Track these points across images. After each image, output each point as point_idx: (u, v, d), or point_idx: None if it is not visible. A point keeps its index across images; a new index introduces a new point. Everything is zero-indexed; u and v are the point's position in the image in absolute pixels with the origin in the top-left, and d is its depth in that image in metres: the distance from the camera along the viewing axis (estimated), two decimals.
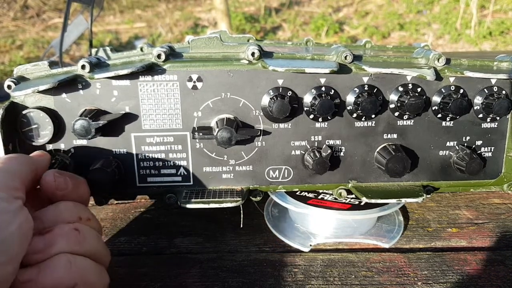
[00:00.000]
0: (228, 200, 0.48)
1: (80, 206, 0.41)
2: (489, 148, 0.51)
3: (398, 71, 0.46)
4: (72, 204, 0.40)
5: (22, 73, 0.47)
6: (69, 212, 0.39)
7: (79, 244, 0.37)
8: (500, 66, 0.50)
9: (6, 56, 4.71)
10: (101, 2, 0.96)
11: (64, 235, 0.36)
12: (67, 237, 0.36)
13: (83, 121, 0.43)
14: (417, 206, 0.59)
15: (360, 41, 0.67)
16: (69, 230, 0.37)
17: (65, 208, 0.39)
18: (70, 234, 0.37)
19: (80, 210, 0.40)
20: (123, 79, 0.46)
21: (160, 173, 0.49)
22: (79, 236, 0.37)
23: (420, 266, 0.46)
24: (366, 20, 5.16)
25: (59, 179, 0.40)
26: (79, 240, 0.37)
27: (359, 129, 0.49)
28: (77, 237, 0.37)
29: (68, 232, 0.37)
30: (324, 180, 0.50)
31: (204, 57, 0.48)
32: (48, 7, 5.69)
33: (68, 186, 0.41)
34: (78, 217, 0.40)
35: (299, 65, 0.45)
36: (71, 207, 0.40)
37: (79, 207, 0.41)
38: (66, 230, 0.37)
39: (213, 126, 0.47)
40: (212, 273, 0.45)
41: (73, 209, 0.40)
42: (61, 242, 0.36)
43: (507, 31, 4.27)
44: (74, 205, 0.40)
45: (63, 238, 0.36)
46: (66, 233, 0.36)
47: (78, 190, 0.42)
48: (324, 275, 0.45)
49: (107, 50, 0.80)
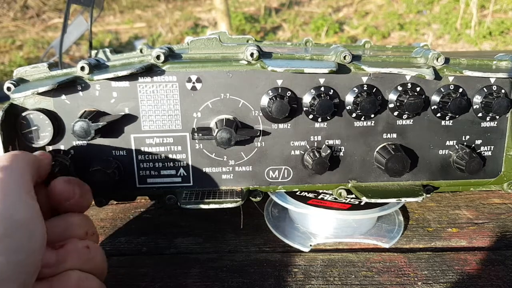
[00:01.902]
0: (228, 200, 0.48)
1: (88, 220, 0.42)
2: (489, 147, 0.51)
3: (397, 71, 0.46)
4: (82, 217, 0.41)
5: (22, 75, 0.47)
6: (78, 226, 0.40)
7: (89, 262, 0.37)
8: (499, 65, 0.50)
9: (6, 56, 4.72)
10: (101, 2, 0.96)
11: (76, 252, 0.37)
12: (78, 254, 0.37)
13: (82, 122, 0.43)
14: (417, 206, 0.59)
15: (359, 41, 0.67)
16: (81, 248, 0.37)
17: (75, 222, 0.40)
18: (82, 251, 0.37)
19: (88, 225, 0.41)
20: (122, 80, 0.46)
21: (160, 174, 0.49)
22: (90, 254, 0.38)
23: (420, 266, 0.46)
24: (366, 20, 5.16)
25: (69, 187, 0.41)
26: (89, 258, 0.38)
27: (358, 129, 0.49)
28: (88, 255, 0.38)
29: (80, 250, 0.37)
30: (324, 180, 0.51)
31: (203, 58, 0.48)
32: (48, 7, 5.70)
33: (76, 195, 0.41)
34: (86, 232, 0.40)
35: (298, 65, 0.45)
36: (81, 222, 0.40)
37: (87, 221, 0.41)
38: (79, 247, 0.37)
39: (213, 127, 0.47)
40: (212, 273, 0.46)
41: (82, 224, 0.40)
42: (73, 258, 0.36)
43: (507, 31, 4.26)
44: (83, 219, 0.41)
45: (75, 255, 0.37)
46: (78, 251, 0.37)
47: (83, 198, 0.42)
48: (324, 275, 0.45)
49: (107, 52, 0.80)
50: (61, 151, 0.47)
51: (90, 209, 0.60)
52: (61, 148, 0.47)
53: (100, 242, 0.52)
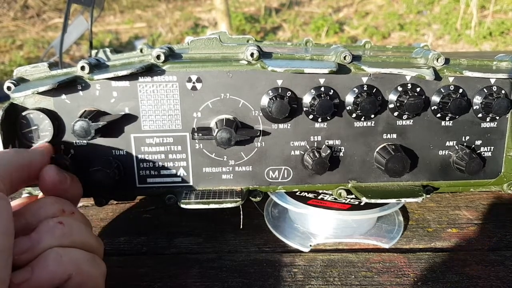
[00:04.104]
0: (228, 200, 0.48)
1: (63, 200, 0.41)
2: (489, 147, 0.51)
3: (397, 71, 0.46)
4: (54, 198, 0.40)
5: (22, 74, 0.47)
6: (51, 206, 0.39)
7: (66, 236, 0.36)
8: (499, 66, 0.50)
9: (6, 56, 4.71)
10: (102, 2, 0.96)
11: (49, 230, 0.36)
12: (52, 231, 0.36)
13: (82, 122, 0.43)
14: (417, 206, 0.59)
15: (359, 41, 0.67)
16: (54, 224, 0.36)
17: (47, 202, 0.39)
18: (55, 228, 0.36)
19: (63, 204, 0.40)
20: (122, 80, 0.46)
21: (159, 173, 0.49)
22: (65, 229, 0.37)
23: (420, 266, 0.46)
24: (366, 20, 5.16)
25: (61, 174, 0.41)
26: (65, 232, 0.37)
27: (358, 129, 0.49)
28: (63, 229, 0.37)
29: (53, 227, 0.36)
30: (324, 180, 0.51)
31: (203, 58, 0.48)
32: (48, 7, 5.70)
33: (68, 181, 0.41)
34: (61, 210, 0.39)
35: (298, 66, 0.45)
36: (53, 201, 0.39)
37: (62, 201, 0.40)
38: (51, 225, 0.36)
39: (213, 127, 0.47)
40: (212, 273, 0.46)
41: (55, 203, 0.39)
42: (47, 237, 0.35)
43: (507, 32, 4.26)
44: (56, 199, 0.40)
45: (48, 233, 0.36)
46: (51, 228, 0.36)
47: (74, 186, 0.42)
48: (324, 275, 0.45)
49: (107, 52, 0.80)
50: (61, 150, 0.47)
51: (90, 209, 0.60)
52: (61, 147, 0.47)
53: None
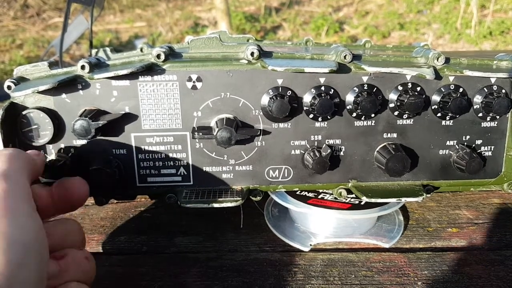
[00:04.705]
0: (228, 200, 0.48)
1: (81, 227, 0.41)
2: (489, 147, 0.51)
3: (398, 70, 0.46)
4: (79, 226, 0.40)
5: (22, 73, 0.47)
6: (78, 234, 0.39)
7: (87, 273, 0.37)
8: (500, 65, 0.50)
9: (6, 55, 4.71)
10: (102, 2, 0.96)
11: (77, 263, 0.36)
12: (79, 266, 0.36)
13: (83, 121, 0.43)
14: (417, 206, 0.59)
15: (360, 40, 0.67)
16: (81, 259, 0.37)
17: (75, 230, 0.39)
18: (82, 263, 0.37)
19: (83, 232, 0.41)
20: (122, 79, 0.46)
21: (160, 173, 0.49)
22: (88, 266, 0.37)
23: (420, 266, 0.46)
24: (366, 19, 5.16)
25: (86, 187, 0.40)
26: (88, 270, 0.37)
27: (358, 128, 0.49)
28: (87, 266, 0.37)
29: (81, 261, 0.37)
30: (324, 179, 0.51)
31: (203, 57, 0.48)
32: (48, 6, 5.69)
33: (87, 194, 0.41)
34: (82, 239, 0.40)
35: (298, 65, 0.45)
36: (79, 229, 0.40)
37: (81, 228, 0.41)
38: (79, 259, 0.37)
39: (213, 126, 0.47)
40: (212, 272, 0.46)
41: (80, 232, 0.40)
42: (73, 270, 0.36)
43: (508, 31, 4.26)
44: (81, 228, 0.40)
45: (76, 267, 0.36)
46: (79, 262, 0.36)
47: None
48: (324, 274, 0.45)
49: (107, 51, 0.80)
50: (61, 149, 0.47)
51: (90, 208, 0.60)
52: (61, 146, 0.47)
53: (100, 241, 0.52)
